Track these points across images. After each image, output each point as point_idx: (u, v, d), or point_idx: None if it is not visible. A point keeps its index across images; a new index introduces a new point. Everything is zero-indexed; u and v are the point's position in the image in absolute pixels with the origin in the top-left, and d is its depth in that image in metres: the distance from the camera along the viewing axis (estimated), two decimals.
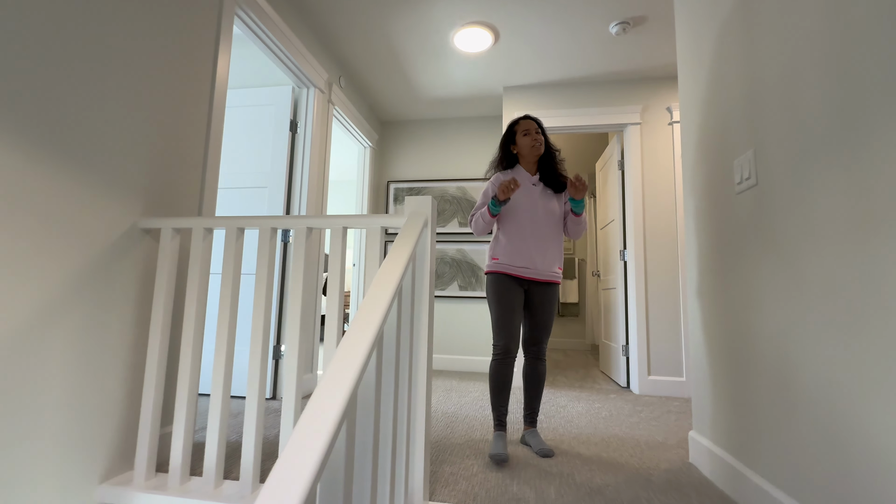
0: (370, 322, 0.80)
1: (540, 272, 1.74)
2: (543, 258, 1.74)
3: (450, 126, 3.95)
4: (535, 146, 1.78)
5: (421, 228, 1.19)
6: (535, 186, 1.80)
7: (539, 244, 1.74)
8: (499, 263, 1.75)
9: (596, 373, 3.71)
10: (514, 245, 1.74)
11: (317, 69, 2.69)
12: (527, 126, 1.81)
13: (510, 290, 1.72)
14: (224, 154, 2.71)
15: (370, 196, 3.78)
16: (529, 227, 1.74)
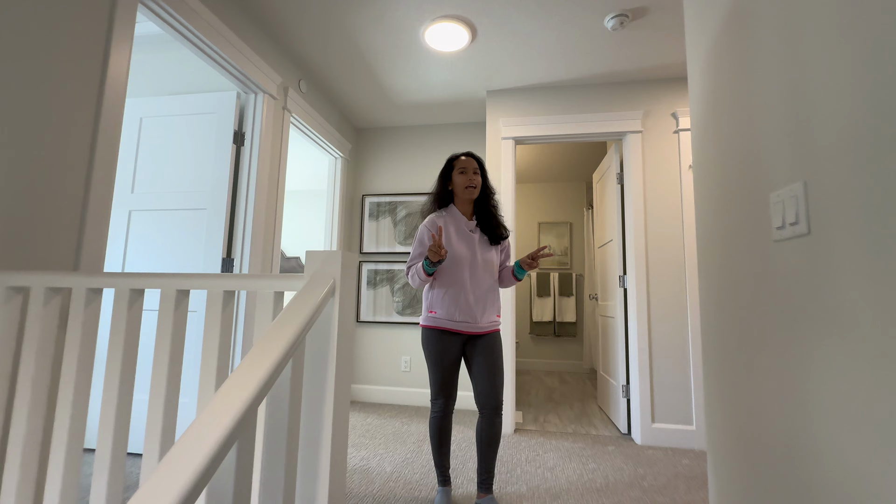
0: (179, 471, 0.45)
1: (480, 325, 1.67)
2: (483, 311, 1.67)
3: (430, 134, 3.58)
4: (470, 188, 1.68)
5: (323, 298, 0.82)
6: (472, 234, 1.70)
7: (479, 296, 1.66)
8: (436, 318, 1.66)
9: (593, 409, 3.32)
10: (453, 298, 1.64)
11: (266, 72, 2.33)
12: (464, 164, 1.71)
13: (450, 347, 1.65)
14: (154, 171, 2.34)
15: (343, 211, 3.41)
16: (469, 278, 1.66)
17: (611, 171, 3.05)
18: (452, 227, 1.68)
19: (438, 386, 1.65)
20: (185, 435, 0.55)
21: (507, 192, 2.86)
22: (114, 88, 1.46)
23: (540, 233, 5.19)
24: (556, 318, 4.96)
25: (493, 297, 1.70)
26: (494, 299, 1.71)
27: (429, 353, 1.66)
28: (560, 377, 4.61)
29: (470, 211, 1.75)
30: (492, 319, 1.69)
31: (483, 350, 1.66)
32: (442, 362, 1.64)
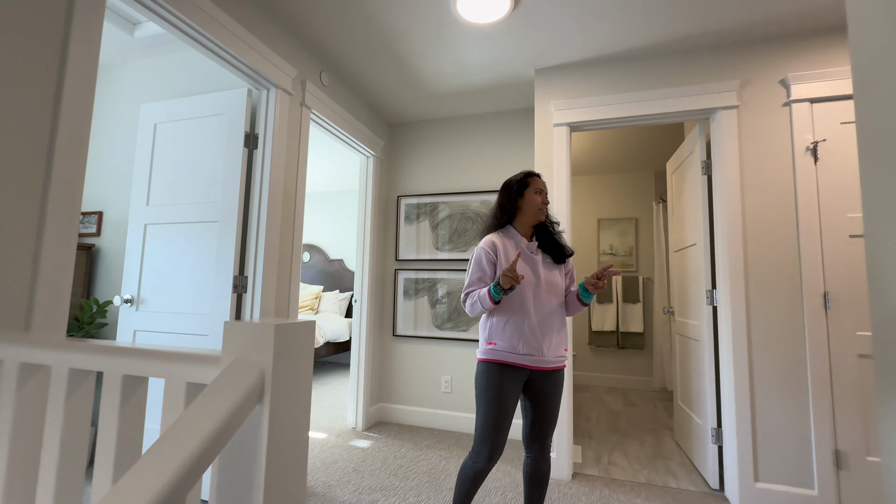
0: None
1: (547, 360, 1.47)
2: (550, 342, 1.48)
3: (470, 125, 3.17)
4: (543, 210, 1.57)
5: (238, 406, 0.47)
6: (534, 255, 1.54)
7: (544, 325, 1.48)
8: (496, 350, 1.46)
9: (669, 446, 2.77)
10: (515, 327, 1.46)
11: (278, 64, 2.05)
12: (541, 185, 1.58)
13: (511, 385, 1.45)
14: (169, 181, 2.16)
15: (377, 214, 3.12)
16: (532, 305, 1.48)
17: (692, 159, 2.47)
18: (512, 247, 1.54)
19: (487, 432, 1.43)
20: None
21: (560, 188, 2.39)
22: (78, 89, 1.22)
23: (599, 230, 4.59)
24: (619, 327, 4.37)
25: (559, 325, 1.52)
26: (562, 327, 1.53)
27: (484, 392, 1.45)
28: (625, 396, 4.04)
29: (529, 232, 1.61)
30: (559, 354, 1.51)
31: (545, 392, 1.50)
32: (498, 402, 1.43)
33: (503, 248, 1.51)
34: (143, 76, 2.50)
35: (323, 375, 4.58)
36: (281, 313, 2.10)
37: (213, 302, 1.98)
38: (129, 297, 2.15)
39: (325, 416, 3.20)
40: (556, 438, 2.24)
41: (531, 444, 1.52)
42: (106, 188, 2.46)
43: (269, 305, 2.01)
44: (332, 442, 2.66)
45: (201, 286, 2.02)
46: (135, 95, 2.49)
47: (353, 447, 2.58)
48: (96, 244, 2.47)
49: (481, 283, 1.50)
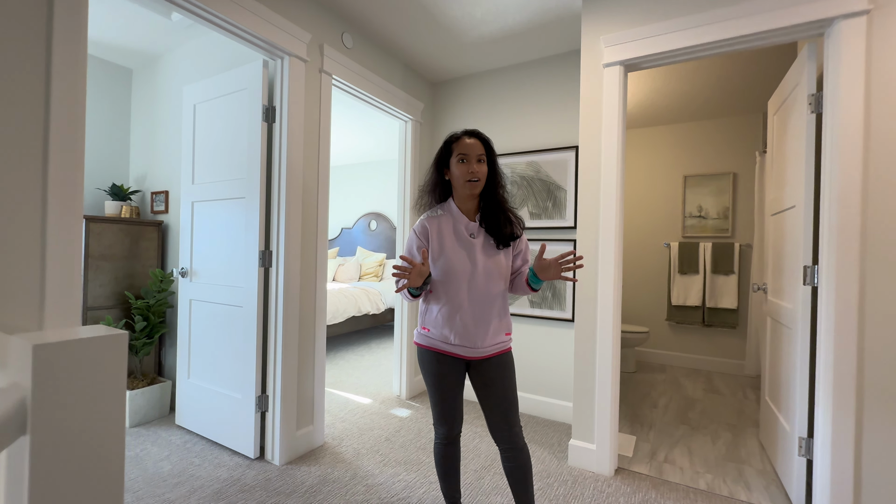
0: None
1: (482, 350, 1.37)
2: (486, 333, 1.36)
3: (511, 78, 2.81)
4: (472, 182, 1.33)
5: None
6: (473, 239, 1.36)
7: (480, 317, 1.35)
8: (429, 337, 1.40)
9: (751, 446, 2.33)
10: (447, 317, 1.36)
11: (288, 29, 1.96)
12: (466, 149, 1.33)
13: (449, 369, 1.40)
14: (209, 159, 2.26)
15: (417, 176, 2.99)
16: (467, 295, 1.35)
17: (798, 94, 1.87)
18: (448, 229, 1.38)
19: (437, 412, 1.45)
20: None
21: (611, 146, 2.01)
22: (71, 62, 1.26)
23: (686, 190, 3.91)
24: (705, 302, 3.76)
25: (499, 313, 1.39)
26: (502, 317, 1.40)
27: (425, 374, 1.43)
28: (708, 380, 3.52)
29: (473, 207, 1.41)
30: (498, 340, 1.40)
31: (491, 377, 1.39)
32: (440, 385, 1.41)
33: (437, 230, 1.37)
34: (185, 58, 2.62)
35: (385, 340, 4.77)
36: (306, 288, 2.13)
37: (245, 275, 2.07)
38: (183, 268, 2.36)
39: (375, 381, 3.32)
40: (597, 424, 2.00)
41: (495, 435, 1.40)
42: (172, 169, 2.69)
43: (293, 280, 2.04)
44: (374, 408, 2.74)
45: (236, 260, 2.12)
46: (182, 78, 2.63)
47: (392, 415, 2.62)
48: (165, 220, 2.74)
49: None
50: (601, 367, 2.01)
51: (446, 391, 1.41)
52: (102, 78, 2.82)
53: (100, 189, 2.78)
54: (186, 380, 2.33)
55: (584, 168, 2.09)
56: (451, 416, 1.43)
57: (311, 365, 2.17)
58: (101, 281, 2.43)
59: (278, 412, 2.01)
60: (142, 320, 2.44)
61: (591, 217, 2.06)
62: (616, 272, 2.01)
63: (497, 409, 1.38)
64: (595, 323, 2.05)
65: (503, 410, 1.38)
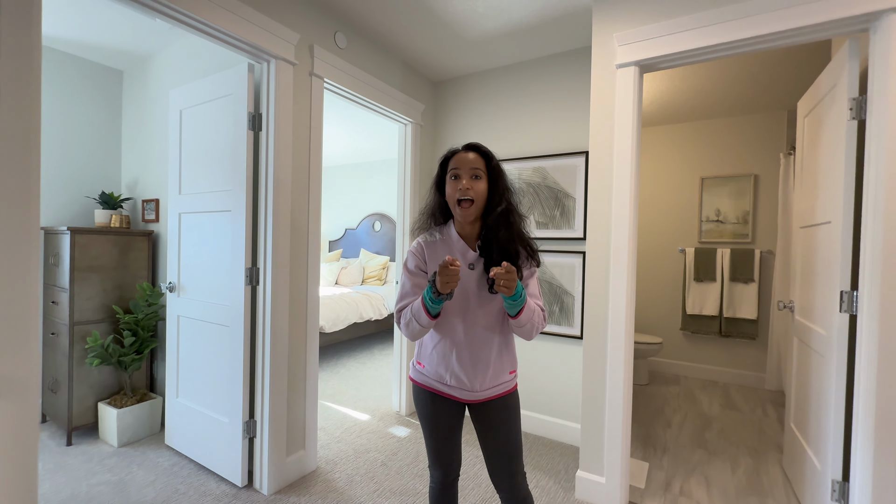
0: None
1: (478, 393, 1.22)
2: (485, 374, 1.20)
3: (515, 77, 2.64)
4: (464, 205, 1.14)
5: None
6: (470, 270, 1.18)
7: (476, 356, 1.19)
8: (424, 374, 1.26)
9: (773, 475, 2.16)
10: (441, 356, 1.21)
11: (273, 30, 1.82)
12: (458, 162, 1.16)
13: (444, 411, 1.25)
14: (195, 168, 2.14)
15: (417, 185, 2.85)
16: (463, 332, 1.18)
17: (835, 97, 1.68)
18: (443, 256, 1.18)
19: (432, 455, 1.30)
20: None
21: (625, 153, 1.84)
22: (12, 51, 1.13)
23: (703, 192, 3.70)
24: (723, 311, 3.57)
25: (500, 354, 1.22)
26: (504, 354, 1.23)
27: (419, 413, 1.30)
28: (725, 395, 3.34)
29: (474, 232, 1.20)
30: (499, 382, 1.23)
31: (491, 422, 1.24)
32: (434, 427, 1.27)
33: (433, 256, 1.20)
34: (174, 59, 2.50)
35: (388, 345, 4.65)
36: (296, 307, 2.01)
37: (232, 293, 1.95)
38: (171, 283, 2.25)
39: (375, 393, 3.21)
40: (607, 454, 1.86)
41: (496, 483, 1.26)
42: (163, 176, 2.57)
43: (282, 299, 1.92)
44: (371, 426, 2.62)
45: (222, 277, 2.00)
46: (172, 81, 2.51)
47: (390, 435, 2.51)
48: (155, 230, 2.64)
49: (417, 293, 1.18)
50: (612, 391, 1.85)
51: (441, 434, 1.27)
52: (92, 80, 2.72)
53: (89, 197, 2.69)
54: (175, 399, 2.24)
55: (594, 176, 1.92)
56: (447, 460, 1.29)
57: (302, 388, 2.06)
58: (88, 294, 2.34)
59: (266, 439, 1.89)
60: (130, 335, 2.35)
61: (601, 229, 1.90)
62: (629, 288, 1.84)
63: (497, 456, 1.24)
64: (605, 342, 1.89)
65: (504, 459, 1.23)
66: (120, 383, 2.48)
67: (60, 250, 2.33)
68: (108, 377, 2.44)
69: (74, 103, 2.65)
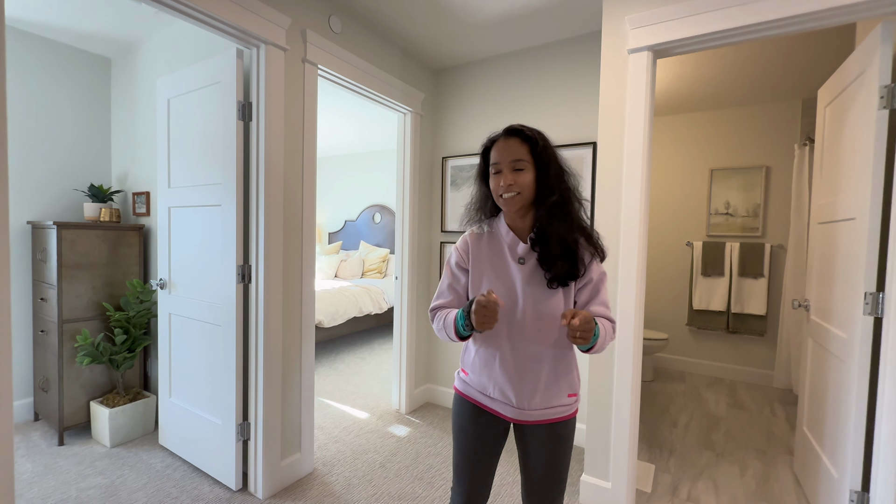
0: None
1: (526, 412, 1.04)
2: (535, 389, 1.02)
3: (527, 62, 2.51)
4: (506, 199, 1.00)
5: None
6: (521, 265, 1.02)
7: (524, 366, 1.02)
8: (467, 383, 1.11)
9: (784, 479, 2.10)
10: (485, 363, 1.06)
11: (262, 13, 1.71)
12: (497, 154, 1.01)
13: (483, 430, 1.08)
14: (183, 160, 2.05)
15: (417, 179, 2.75)
16: (506, 337, 1.03)
17: (863, 84, 1.57)
18: (492, 250, 1.06)
19: (457, 476, 1.13)
20: None
21: (636, 145, 1.73)
22: None
23: (712, 184, 3.59)
24: (731, 306, 3.48)
25: (555, 369, 1.03)
26: (561, 371, 1.04)
27: (453, 425, 1.14)
28: (731, 393, 3.27)
29: (527, 224, 1.05)
30: (554, 403, 1.04)
31: (537, 450, 1.07)
32: (466, 445, 1.10)
33: (478, 250, 1.07)
34: (162, 45, 2.39)
35: (388, 339, 4.59)
36: (290, 305, 1.93)
37: (223, 291, 1.87)
38: (162, 280, 2.18)
39: (374, 390, 3.15)
40: (613, 457, 1.79)
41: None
42: (153, 168, 2.48)
43: (275, 297, 1.84)
44: (370, 425, 2.57)
45: (213, 274, 1.92)
46: (160, 68, 2.40)
47: (390, 434, 2.45)
48: (146, 224, 2.55)
49: (452, 295, 1.10)
50: (619, 393, 1.78)
51: (475, 456, 1.09)
52: (79, 68, 2.61)
53: (78, 190, 2.60)
54: (168, 398, 2.18)
55: (603, 167, 1.82)
56: (474, 488, 1.11)
57: (298, 388, 1.99)
58: (77, 291, 2.27)
59: (261, 442, 1.83)
60: (122, 333, 2.28)
61: (610, 222, 1.81)
62: (638, 286, 1.76)
63: (537, 489, 1.08)
64: (613, 342, 1.81)
65: (545, 487, 1.07)
66: (112, 382, 2.42)
67: (48, 246, 2.25)
68: (100, 376, 2.37)
69: (61, 93, 2.55)
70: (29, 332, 2.48)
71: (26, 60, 2.41)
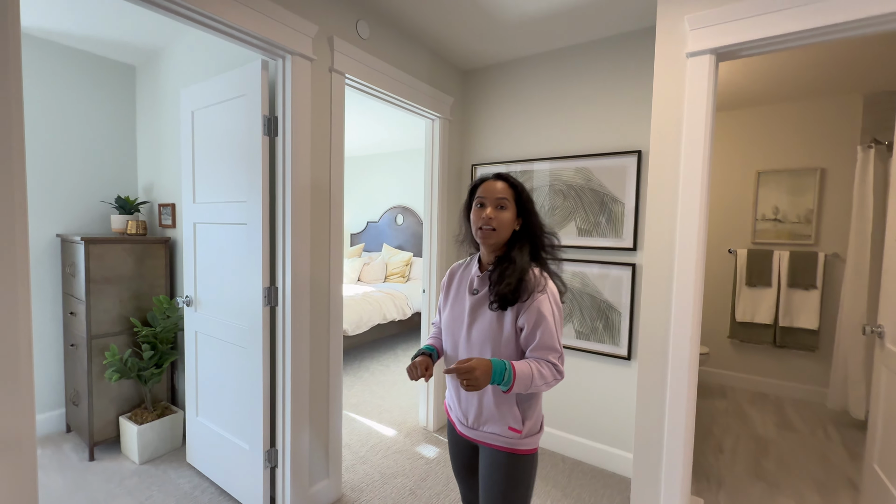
0: None
1: (476, 431, 1.12)
2: (477, 409, 1.10)
3: (556, 64, 2.35)
4: (485, 230, 1.07)
5: None
6: (473, 294, 1.12)
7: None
8: (447, 401, 1.25)
9: None
10: (450, 382, 1.18)
11: (289, 21, 1.61)
12: (484, 190, 1.10)
13: (455, 449, 1.23)
14: (209, 175, 1.98)
15: (445, 185, 2.62)
16: (451, 351, 1.16)
17: None
18: (457, 283, 1.20)
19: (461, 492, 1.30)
20: None
21: (693, 154, 1.57)
22: None
23: (759, 187, 3.35)
24: (778, 319, 3.26)
25: (494, 393, 1.08)
26: (498, 397, 1.08)
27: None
28: (778, 411, 3.06)
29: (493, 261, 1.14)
30: (497, 431, 1.09)
31: (483, 472, 1.13)
32: (452, 462, 1.27)
33: (453, 279, 1.23)
34: (186, 53, 2.32)
35: (412, 344, 4.52)
36: (318, 328, 1.85)
37: (250, 314, 1.80)
38: (188, 297, 2.13)
39: (400, 403, 3.07)
40: (664, 493, 1.65)
41: None
42: (177, 178, 2.43)
43: (302, 321, 1.76)
44: (398, 444, 2.49)
45: (240, 295, 1.85)
46: (185, 77, 2.34)
47: (419, 455, 2.36)
48: (172, 236, 2.52)
49: (440, 315, 1.26)
50: (672, 424, 1.63)
51: (457, 473, 1.26)
52: (103, 77, 2.58)
53: (105, 202, 2.58)
54: (195, 417, 2.14)
55: (654, 179, 1.66)
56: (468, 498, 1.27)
57: (325, 413, 1.91)
58: (105, 306, 2.25)
59: (289, 469, 1.77)
60: (149, 349, 2.25)
61: (662, 240, 1.65)
62: (695, 308, 1.60)
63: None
64: (665, 368, 1.66)
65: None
66: (140, 395, 2.41)
67: (76, 260, 2.24)
68: (128, 389, 2.36)
69: (87, 102, 2.52)
70: (60, 345, 2.49)
71: (51, 70, 2.39)
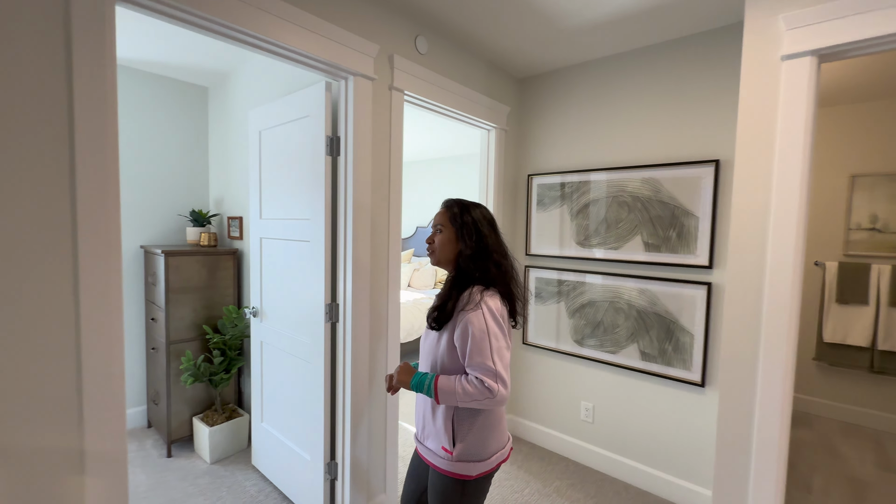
0: None
1: (420, 445, 1.21)
2: (423, 420, 1.19)
3: (619, 69, 2.21)
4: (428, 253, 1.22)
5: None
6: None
7: (418, 401, 1.23)
8: None
9: None
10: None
11: (351, 43, 1.63)
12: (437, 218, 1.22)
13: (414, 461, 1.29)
14: (275, 193, 2.06)
15: (501, 196, 2.57)
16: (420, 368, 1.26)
17: None
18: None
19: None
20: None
21: (790, 166, 1.41)
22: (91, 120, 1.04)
23: (853, 193, 2.98)
24: (877, 342, 2.88)
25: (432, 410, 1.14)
26: (435, 415, 1.13)
27: None
28: (876, 446, 2.71)
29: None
30: (431, 448, 1.15)
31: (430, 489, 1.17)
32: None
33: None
34: (252, 75, 2.44)
35: None
36: (377, 345, 1.86)
37: (311, 329, 1.85)
38: (254, 308, 2.23)
39: None
40: None
41: None
42: (244, 192, 2.57)
43: (362, 338, 1.78)
44: None
45: (302, 310, 1.91)
46: (252, 98, 2.45)
47: None
48: (240, 248, 2.66)
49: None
50: (761, 463, 1.48)
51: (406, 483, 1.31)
52: (179, 98, 2.77)
53: (181, 215, 2.77)
54: (260, 423, 2.24)
55: (740, 191, 1.52)
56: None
57: (383, 428, 1.93)
58: (181, 314, 2.41)
59: (348, 483, 1.79)
60: (219, 355, 2.39)
61: (749, 255, 1.50)
62: (790, 328, 1.43)
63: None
64: (753, 396, 1.51)
65: None
66: (211, 398, 2.56)
67: (157, 270, 2.42)
68: (200, 392, 2.52)
69: (166, 122, 2.72)
70: (143, 348, 2.71)
71: (136, 95, 2.60)
